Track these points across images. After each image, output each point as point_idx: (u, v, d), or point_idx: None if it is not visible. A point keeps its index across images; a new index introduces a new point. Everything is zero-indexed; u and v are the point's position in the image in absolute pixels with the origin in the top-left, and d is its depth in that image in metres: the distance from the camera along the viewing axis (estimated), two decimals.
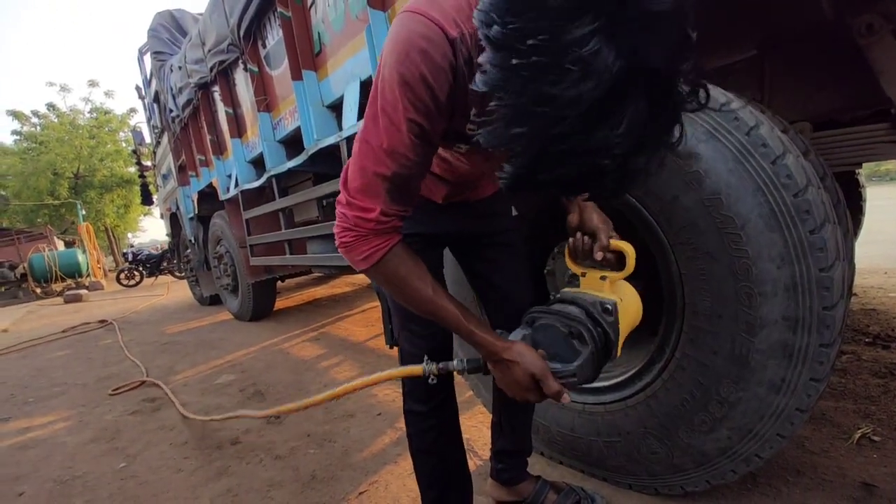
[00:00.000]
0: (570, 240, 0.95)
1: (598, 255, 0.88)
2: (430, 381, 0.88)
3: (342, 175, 0.75)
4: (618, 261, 0.89)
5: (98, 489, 1.71)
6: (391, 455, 1.68)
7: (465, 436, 1.68)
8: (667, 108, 0.49)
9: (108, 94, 21.46)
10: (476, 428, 1.80)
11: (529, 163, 0.52)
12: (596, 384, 1.33)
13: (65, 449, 2.10)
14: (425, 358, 0.88)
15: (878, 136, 1.39)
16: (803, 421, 1.01)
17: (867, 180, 3.34)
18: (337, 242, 0.76)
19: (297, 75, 2.31)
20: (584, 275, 0.90)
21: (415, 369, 0.87)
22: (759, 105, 1.15)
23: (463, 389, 1.65)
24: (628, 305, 0.85)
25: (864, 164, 2.93)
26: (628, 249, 0.86)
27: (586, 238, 0.92)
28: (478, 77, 0.50)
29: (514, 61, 0.46)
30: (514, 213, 1.19)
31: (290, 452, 1.81)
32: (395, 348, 1.07)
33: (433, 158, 0.82)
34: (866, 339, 2.20)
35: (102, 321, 5.76)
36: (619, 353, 0.84)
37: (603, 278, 0.86)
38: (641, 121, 0.46)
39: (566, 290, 0.90)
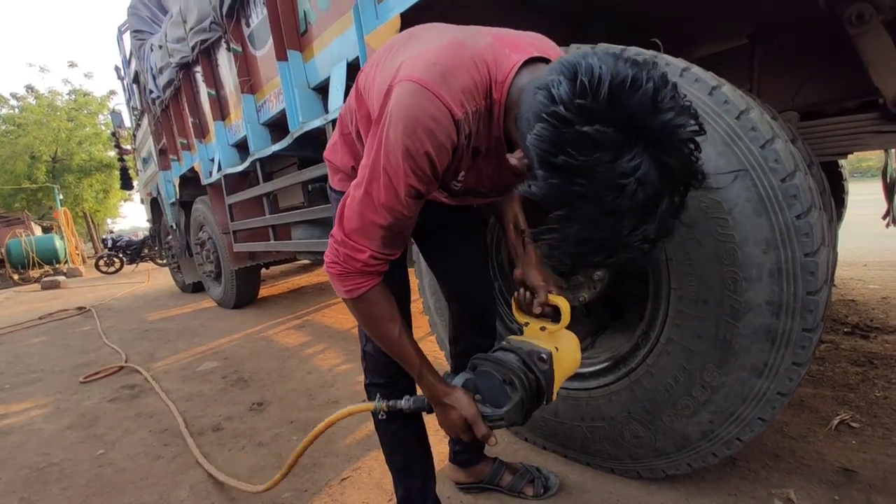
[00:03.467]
0: (515, 293, 1.03)
1: (537, 310, 0.97)
2: (379, 417, 1.00)
3: (338, 210, 0.80)
4: (556, 313, 0.96)
5: (75, 476, 1.67)
6: (375, 442, 1.64)
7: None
8: (683, 199, 0.60)
9: (87, 75, 20.85)
10: None
11: (584, 255, 0.62)
12: (580, 370, 1.33)
13: (41, 436, 2.04)
14: (377, 396, 1.01)
15: (865, 126, 1.39)
16: (784, 405, 1.02)
17: (850, 176, 3.39)
18: (325, 268, 0.82)
19: (281, 55, 2.24)
20: (527, 324, 0.98)
21: (368, 406, 1.00)
22: (750, 93, 1.15)
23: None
24: (564, 354, 0.92)
25: (846, 160, 2.98)
26: (563, 305, 0.94)
27: (528, 294, 1.00)
28: (534, 188, 0.59)
29: (579, 181, 0.55)
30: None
31: (273, 439, 1.79)
32: None
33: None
34: (845, 329, 2.24)
35: (80, 308, 5.63)
36: (553, 398, 0.90)
37: (543, 328, 0.95)
38: (669, 213, 0.58)
39: (511, 337, 0.97)
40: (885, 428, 1.42)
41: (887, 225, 2.95)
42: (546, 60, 0.74)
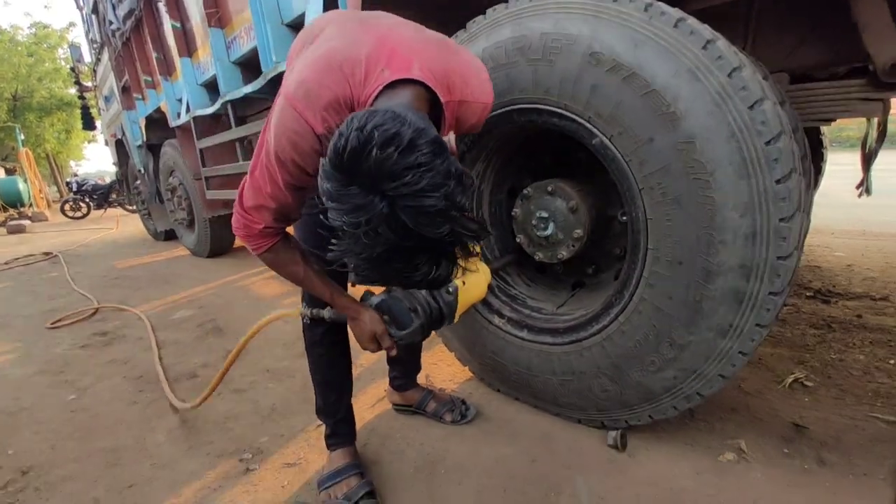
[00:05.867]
0: None
1: None
2: (303, 321, 1.18)
3: (239, 188, 0.94)
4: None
5: (47, 421, 1.66)
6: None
7: (425, 372, 1.72)
8: (450, 247, 0.73)
9: (46, 6, 19.12)
10: (436, 365, 1.84)
11: (366, 276, 0.75)
12: (556, 325, 1.36)
13: (9, 381, 2.01)
14: (303, 304, 1.15)
15: (852, 93, 1.38)
16: (744, 363, 1.06)
17: (829, 144, 3.43)
18: (234, 231, 0.97)
19: None
20: None
21: (294, 312, 1.17)
22: (742, 51, 1.11)
23: None
24: (471, 286, 1.12)
25: (825, 130, 2.99)
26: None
27: None
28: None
29: (335, 220, 0.66)
30: None
31: (249, 386, 1.80)
32: (356, 286, 1.10)
33: None
34: (808, 294, 2.34)
35: (47, 253, 5.43)
36: (456, 320, 1.11)
37: None
38: (429, 260, 0.71)
39: None
40: (840, 388, 1.50)
41: (860, 195, 3.02)
42: (417, 83, 0.82)
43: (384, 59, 0.81)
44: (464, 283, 1.07)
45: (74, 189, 10.71)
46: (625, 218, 1.20)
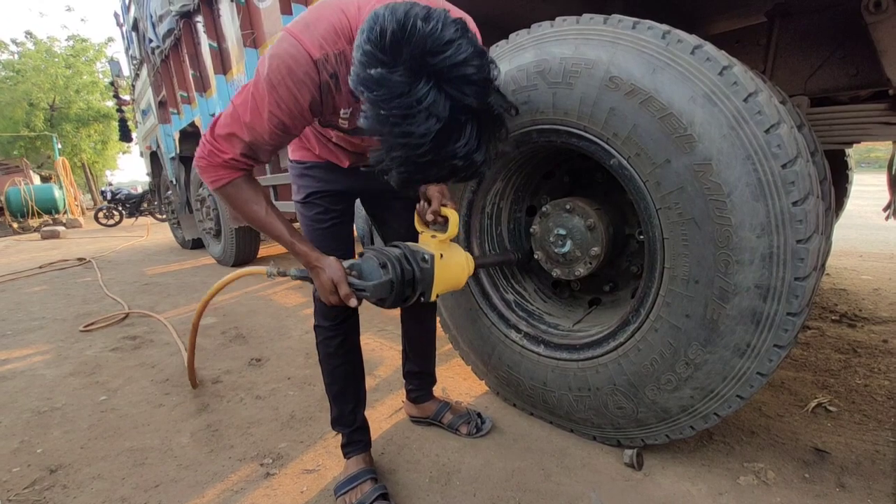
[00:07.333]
0: (417, 204, 1.17)
1: (429, 217, 1.12)
2: (268, 278, 1.10)
3: (215, 117, 0.95)
4: (446, 223, 1.11)
5: (77, 420, 1.73)
6: (369, 401, 1.72)
7: (441, 385, 1.74)
8: (489, 122, 0.75)
9: (83, 20, 20.30)
10: (452, 379, 1.86)
11: (408, 171, 0.76)
12: (572, 342, 1.37)
13: (43, 381, 2.10)
14: (271, 262, 1.18)
15: (873, 117, 1.38)
16: (763, 385, 1.06)
17: (857, 166, 3.37)
18: (194, 163, 0.97)
19: (286, 9, 2.18)
20: (421, 232, 1.14)
21: (260, 269, 1.11)
22: (761, 75, 1.13)
23: (442, 342, 1.70)
24: (449, 262, 1.09)
25: (854, 151, 2.94)
26: (452, 216, 1.10)
27: (426, 204, 1.15)
28: (361, 120, 0.73)
29: (382, 112, 0.69)
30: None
31: (270, 393, 1.85)
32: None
33: (333, 134, 1.10)
34: (833, 317, 2.29)
35: (81, 259, 5.66)
36: (432, 298, 1.07)
37: (433, 237, 1.10)
38: (473, 133, 0.73)
39: (408, 243, 1.09)
40: (863, 414, 1.47)
41: (887, 218, 2.95)
42: None
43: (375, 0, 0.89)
44: (441, 255, 1.06)
45: (108, 197, 11.16)
46: (642, 237, 1.22)
